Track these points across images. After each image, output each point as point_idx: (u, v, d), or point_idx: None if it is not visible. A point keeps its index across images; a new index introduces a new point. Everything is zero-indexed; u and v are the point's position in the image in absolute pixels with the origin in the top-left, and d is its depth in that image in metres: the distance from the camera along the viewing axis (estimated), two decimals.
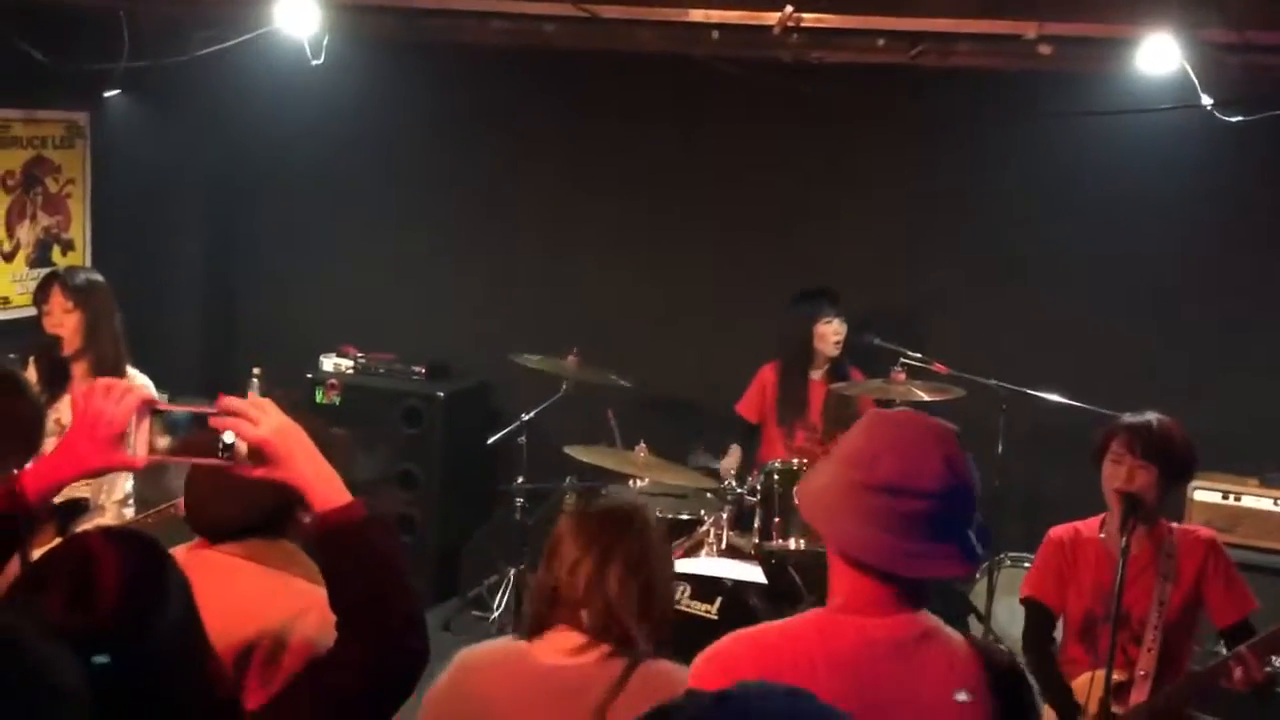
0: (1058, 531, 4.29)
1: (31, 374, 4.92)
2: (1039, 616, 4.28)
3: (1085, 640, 4.15)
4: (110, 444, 2.11)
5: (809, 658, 2.19)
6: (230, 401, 2.11)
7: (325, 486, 2.11)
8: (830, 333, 6.05)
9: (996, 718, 2.19)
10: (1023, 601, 4.35)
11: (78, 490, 4.93)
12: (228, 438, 2.13)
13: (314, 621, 2.41)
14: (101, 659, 1.74)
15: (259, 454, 2.10)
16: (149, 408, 2.16)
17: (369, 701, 2.05)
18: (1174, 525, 4.20)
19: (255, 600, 2.55)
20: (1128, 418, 4.11)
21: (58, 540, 3.56)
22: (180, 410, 2.19)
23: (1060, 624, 4.30)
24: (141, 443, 2.16)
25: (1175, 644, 4.06)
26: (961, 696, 2.18)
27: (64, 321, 5.00)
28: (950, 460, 2.22)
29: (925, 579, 2.26)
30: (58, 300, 5.09)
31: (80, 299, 5.05)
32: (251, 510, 2.66)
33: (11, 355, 5.19)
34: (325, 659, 2.08)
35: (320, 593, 2.59)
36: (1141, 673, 3.98)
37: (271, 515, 2.68)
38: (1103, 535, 4.19)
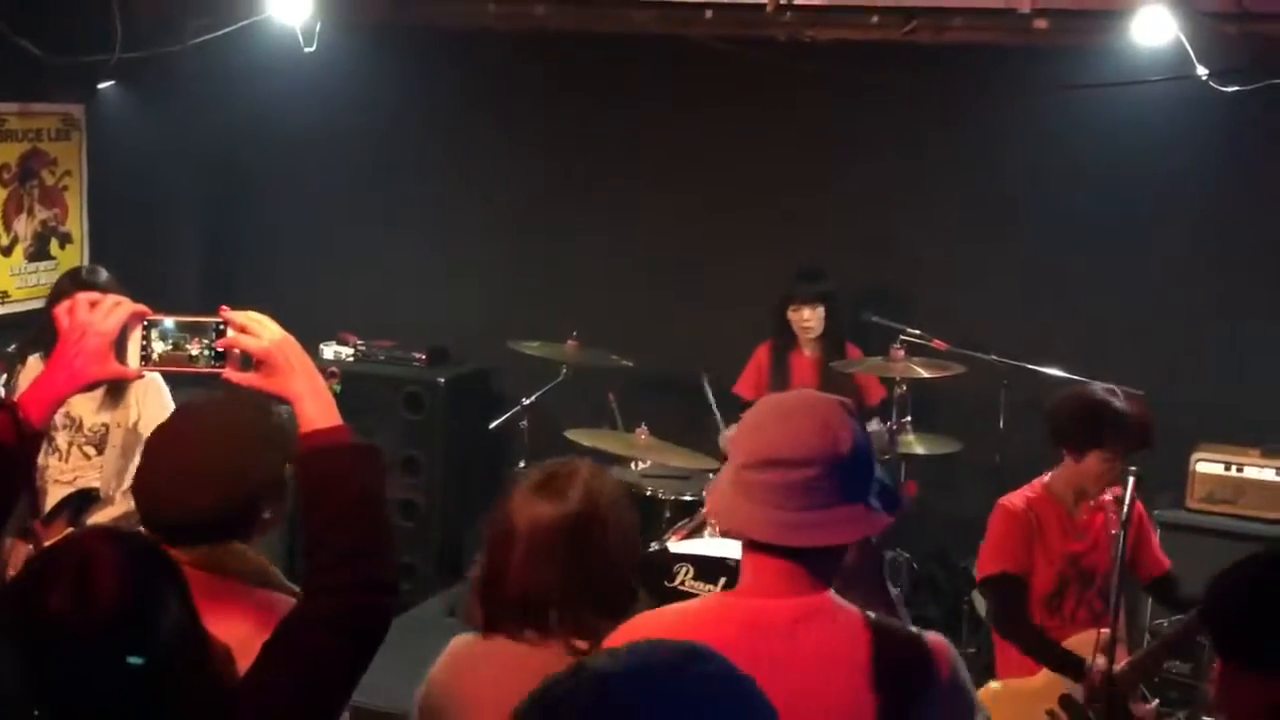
0: (1014, 502, 4.28)
1: (31, 369, 4.92)
2: (1012, 590, 4.24)
3: (1052, 605, 4.21)
4: (103, 355, 2.08)
5: (705, 641, 2.16)
6: (232, 314, 2.10)
7: (316, 405, 2.08)
8: (799, 320, 6.04)
9: (884, 699, 2.11)
10: (989, 580, 4.27)
11: (88, 481, 4.96)
12: (219, 346, 2.11)
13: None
14: (136, 660, 1.74)
15: (258, 363, 2.08)
16: (140, 319, 2.13)
17: (343, 644, 2.00)
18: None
19: (211, 616, 2.11)
20: (1122, 414, 4.14)
21: (70, 531, 3.55)
22: (172, 320, 2.15)
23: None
24: (134, 354, 2.12)
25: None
26: None
27: None
28: (826, 427, 2.17)
29: (827, 556, 2.19)
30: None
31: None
32: (221, 503, 2.40)
33: (11, 348, 5.18)
34: (291, 617, 2.03)
35: (279, 600, 2.50)
36: (1122, 629, 4.06)
37: (242, 511, 2.44)
38: (1055, 498, 4.26)
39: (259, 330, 2.09)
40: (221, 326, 2.11)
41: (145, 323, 2.14)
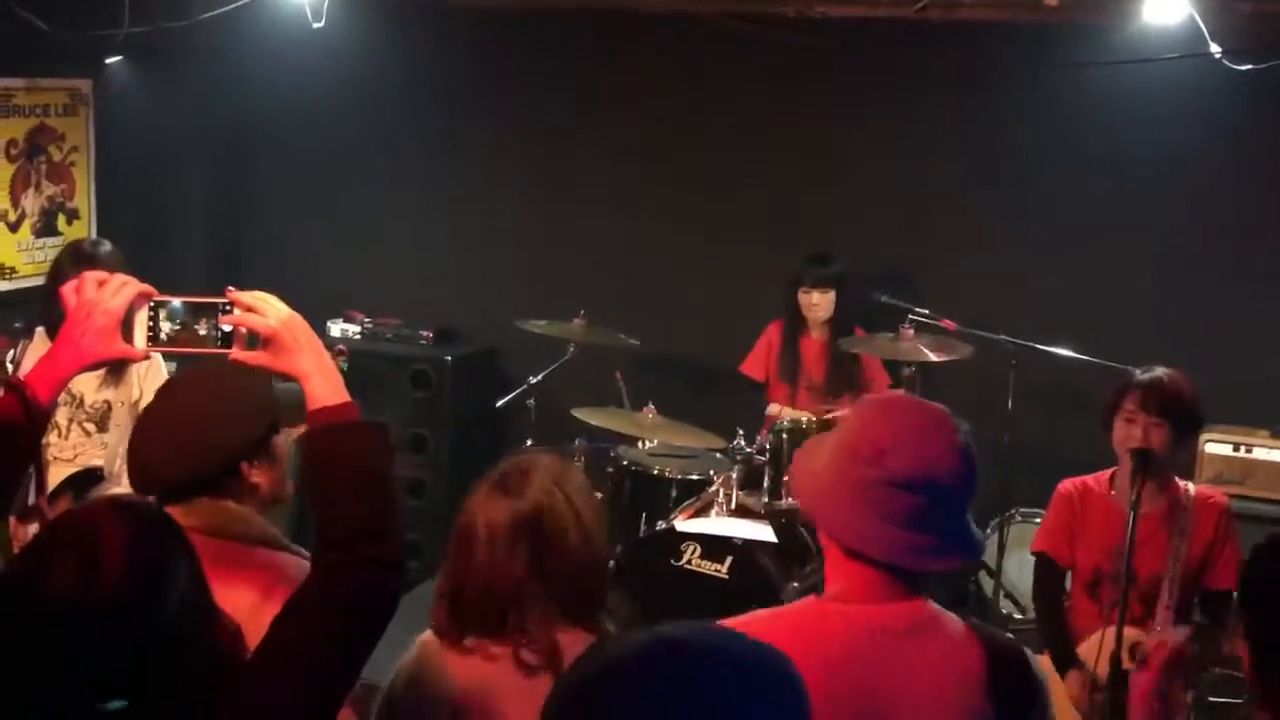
0: (1066, 485, 4.29)
1: (36, 345, 4.91)
2: (1048, 570, 4.30)
3: (1091, 594, 4.16)
4: (109, 334, 2.08)
5: (804, 650, 2.07)
6: (238, 293, 2.11)
7: (324, 382, 2.08)
8: (809, 303, 6.04)
9: (998, 706, 2.13)
10: (1034, 554, 4.36)
11: (90, 459, 4.95)
12: (225, 326, 2.11)
13: (280, 598, 2.20)
14: (118, 704, 1.73)
15: (265, 342, 2.08)
16: (146, 299, 2.13)
17: (350, 622, 2.00)
18: (1188, 485, 4.18)
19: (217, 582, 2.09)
20: (1138, 374, 4.08)
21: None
22: (179, 300, 2.15)
23: (1069, 575, 4.31)
24: (141, 334, 2.12)
25: (1188, 601, 4.06)
26: None
27: None
28: (962, 452, 2.16)
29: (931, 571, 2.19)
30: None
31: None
32: (203, 463, 2.54)
33: (17, 324, 5.17)
34: (299, 594, 2.03)
35: (281, 559, 2.55)
36: (1159, 629, 3.98)
37: (222, 469, 2.56)
38: (1114, 491, 4.17)
39: (265, 309, 2.09)
40: (228, 306, 2.12)
41: (152, 303, 2.14)
